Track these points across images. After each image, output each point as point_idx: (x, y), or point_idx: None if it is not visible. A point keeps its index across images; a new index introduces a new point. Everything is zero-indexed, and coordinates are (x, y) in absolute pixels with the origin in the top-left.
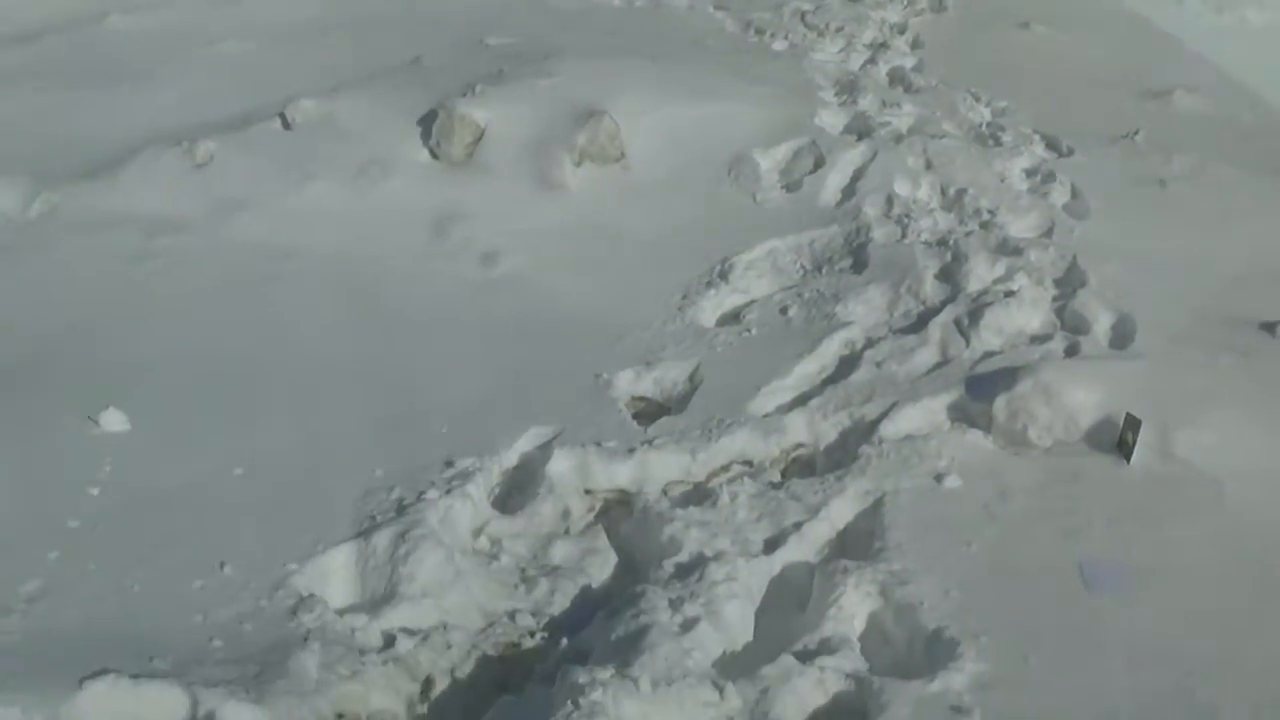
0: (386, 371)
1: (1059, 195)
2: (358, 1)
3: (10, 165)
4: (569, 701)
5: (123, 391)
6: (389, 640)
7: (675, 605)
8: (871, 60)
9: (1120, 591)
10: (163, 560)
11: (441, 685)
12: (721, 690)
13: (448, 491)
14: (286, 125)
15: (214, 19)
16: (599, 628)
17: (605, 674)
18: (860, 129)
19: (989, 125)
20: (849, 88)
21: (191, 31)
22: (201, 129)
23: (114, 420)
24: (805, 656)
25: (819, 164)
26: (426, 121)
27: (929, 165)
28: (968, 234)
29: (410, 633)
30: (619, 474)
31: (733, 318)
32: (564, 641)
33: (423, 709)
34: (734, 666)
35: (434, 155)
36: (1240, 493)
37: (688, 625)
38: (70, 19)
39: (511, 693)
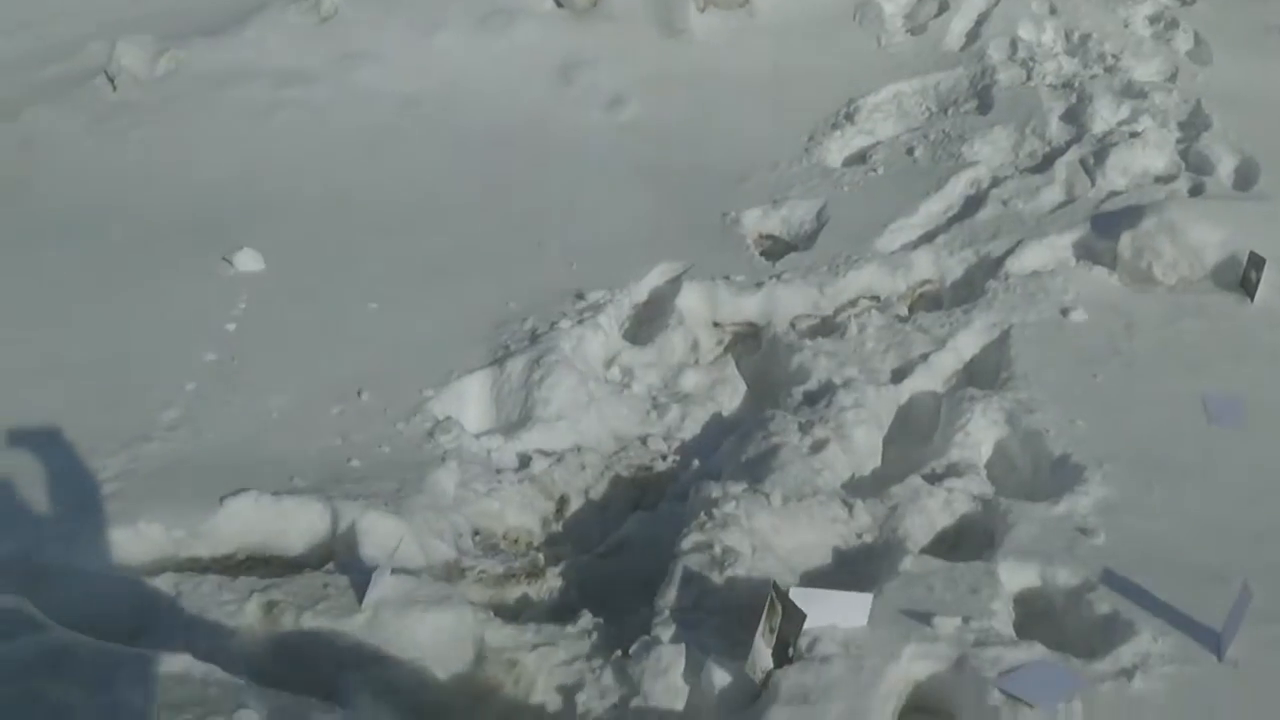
0: (516, 211)
1: (1182, 42)
2: None
3: (133, 27)
4: (702, 513)
5: (257, 234)
6: (524, 461)
7: (804, 428)
8: None
9: (1240, 424)
10: (299, 389)
11: (576, 504)
12: (851, 508)
13: (580, 322)
14: None
15: None
16: (730, 450)
17: (738, 488)
18: None
19: None
20: None
21: None
22: None
23: (248, 260)
24: (933, 479)
25: (943, 8)
26: None
27: (1052, 10)
28: (1092, 77)
29: (545, 454)
30: (747, 307)
31: (859, 158)
32: (695, 463)
33: (557, 527)
34: (862, 489)
35: (558, 3)
36: None
37: (817, 447)
38: None
39: (644, 511)
